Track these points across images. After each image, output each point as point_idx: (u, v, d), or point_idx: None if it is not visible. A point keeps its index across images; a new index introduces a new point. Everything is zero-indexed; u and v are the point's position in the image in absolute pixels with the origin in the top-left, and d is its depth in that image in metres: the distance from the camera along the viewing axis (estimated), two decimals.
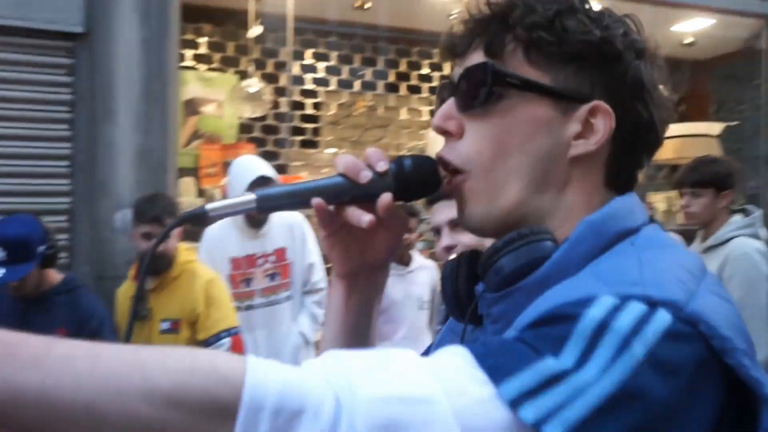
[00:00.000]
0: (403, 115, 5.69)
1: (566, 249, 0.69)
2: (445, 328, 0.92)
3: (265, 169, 3.20)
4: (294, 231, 3.37)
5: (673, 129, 5.59)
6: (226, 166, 4.91)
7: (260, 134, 5.14)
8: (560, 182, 0.73)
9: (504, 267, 0.70)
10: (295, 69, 5.21)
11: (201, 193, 4.56)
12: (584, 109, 0.72)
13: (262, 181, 3.07)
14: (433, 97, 5.67)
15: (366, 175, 0.74)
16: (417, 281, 3.66)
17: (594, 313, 0.55)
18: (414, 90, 5.69)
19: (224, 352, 0.60)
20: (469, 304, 0.78)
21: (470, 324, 0.79)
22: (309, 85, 5.24)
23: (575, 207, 0.73)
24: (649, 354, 0.54)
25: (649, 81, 0.74)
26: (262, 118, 4.98)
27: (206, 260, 3.22)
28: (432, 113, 4.70)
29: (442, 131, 0.76)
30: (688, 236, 3.14)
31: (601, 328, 0.55)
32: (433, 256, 3.77)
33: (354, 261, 0.81)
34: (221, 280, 3.02)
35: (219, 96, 4.90)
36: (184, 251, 2.97)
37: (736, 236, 2.73)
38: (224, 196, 4.01)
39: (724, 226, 2.76)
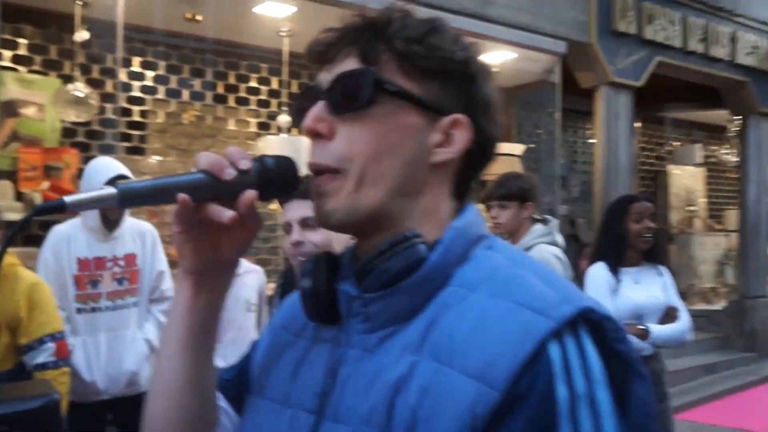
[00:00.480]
0: (231, 125, 5.93)
1: (442, 253, 0.77)
2: (270, 329, 0.96)
3: (123, 168, 3.23)
4: (145, 238, 3.44)
5: None
6: (47, 169, 4.91)
7: (84, 139, 5.17)
8: (418, 187, 0.80)
9: (390, 268, 0.76)
10: (123, 76, 5.31)
11: (19, 196, 4.54)
12: (446, 120, 0.80)
13: (120, 180, 3.16)
14: (261, 110, 6.02)
15: (230, 173, 0.76)
16: (245, 284, 3.84)
17: (560, 394, 0.67)
18: (242, 102, 5.97)
19: None
20: (327, 303, 0.82)
21: (320, 321, 0.83)
22: (136, 93, 5.34)
23: (427, 211, 0.80)
24: (606, 392, 0.68)
25: (494, 102, 0.84)
26: (87, 123, 5.02)
27: (51, 259, 3.25)
28: (260, 125, 5.10)
29: (314, 133, 0.79)
30: None
31: (574, 403, 0.67)
32: (260, 262, 4.10)
33: (206, 258, 0.81)
34: (45, 284, 2.96)
35: (40, 99, 4.89)
36: (7, 255, 2.88)
37: (537, 243, 3.16)
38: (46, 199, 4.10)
39: (527, 235, 3.18)
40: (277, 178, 0.80)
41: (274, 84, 6.12)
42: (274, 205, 4.96)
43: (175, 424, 0.85)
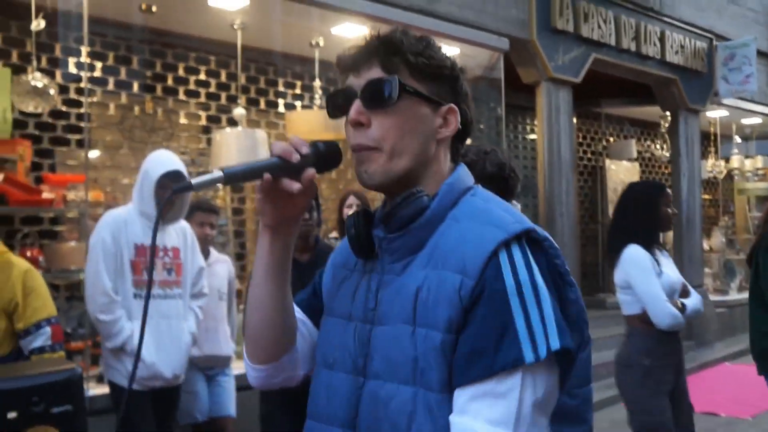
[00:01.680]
0: (182, 118, 6.37)
1: (438, 201, 1.22)
2: (329, 268, 1.40)
3: (179, 164, 3.67)
4: (186, 235, 3.81)
5: None
6: (0, 161, 5.23)
7: (36, 131, 5.49)
8: (429, 156, 1.25)
9: (403, 215, 1.20)
10: (72, 67, 5.67)
11: None
12: (444, 109, 1.25)
13: (174, 175, 3.55)
14: (211, 102, 6.49)
15: (296, 157, 1.19)
16: (216, 274, 4.30)
17: (509, 280, 1.09)
18: (192, 94, 6.43)
19: None
20: (367, 244, 1.27)
21: (364, 258, 1.29)
22: (86, 84, 5.68)
23: (436, 172, 1.26)
24: (541, 279, 1.11)
25: (469, 92, 1.30)
26: (38, 114, 5.35)
27: (109, 241, 3.52)
28: (209, 118, 5.64)
29: (356, 122, 1.22)
30: None
31: (519, 286, 1.10)
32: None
33: (279, 214, 1.24)
34: (37, 271, 3.22)
35: None
36: None
37: None
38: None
39: None
40: (329, 157, 1.24)
41: (224, 77, 6.60)
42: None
43: (268, 332, 1.33)
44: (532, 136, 9.67)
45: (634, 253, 3.46)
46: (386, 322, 1.20)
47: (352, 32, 6.25)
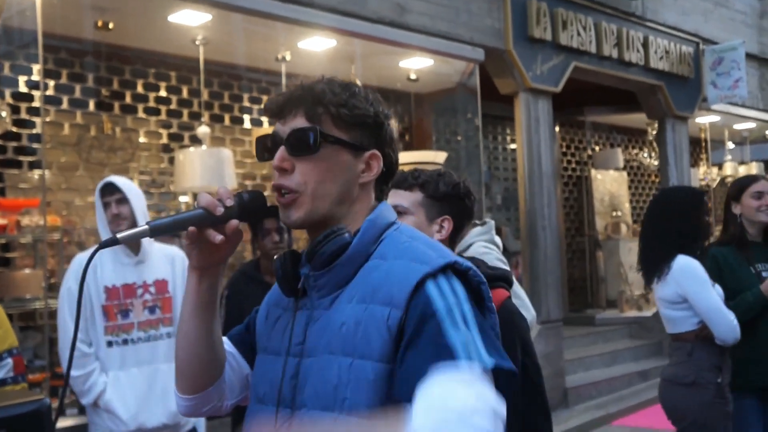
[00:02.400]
0: (142, 137, 6.46)
1: (359, 238, 1.37)
2: (264, 306, 1.56)
3: (113, 178, 3.56)
4: (175, 262, 3.64)
5: (405, 157, 7.20)
6: None
7: None
8: (352, 199, 1.42)
9: (325, 252, 1.35)
10: (23, 86, 5.75)
11: None
12: (366, 155, 1.41)
13: (110, 188, 3.48)
14: (172, 119, 6.59)
15: (219, 210, 1.35)
16: None
17: (438, 305, 1.24)
18: (152, 112, 6.52)
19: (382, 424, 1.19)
20: (295, 283, 1.42)
21: (295, 295, 1.43)
22: (41, 104, 5.72)
23: (359, 212, 1.42)
24: (468, 303, 1.27)
25: (395, 136, 1.47)
26: None
27: (75, 288, 3.41)
28: (170, 136, 5.74)
29: (280, 168, 1.38)
30: None
31: (448, 307, 1.24)
32: None
33: (206, 259, 1.40)
34: None
35: None
36: None
37: (474, 242, 3.62)
38: None
39: (467, 236, 3.60)
40: (252, 207, 1.40)
41: (185, 93, 6.71)
42: None
43: (194, 365, 1.48)
44: (513, 146, 9.84)
45: (688, 265, 3.37)
46: (314, 355, 1.35)
47: (320, 46, 6.39)
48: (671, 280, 3.40)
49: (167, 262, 3.63)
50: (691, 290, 3.36)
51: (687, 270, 3.37)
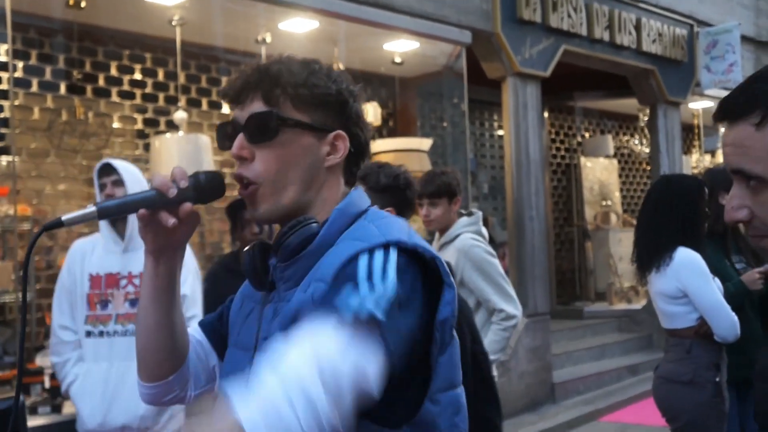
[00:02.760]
0: (116, 122, 6.40)
1: (327, 227, 1.33)
2: (238, 297, 1.54)
3: (113, 160, 3.57)
4: None
5: (390, 144, 7.20)
6: None
7: None
8: (319, 184, 1.39)
9: (290, 243, 1.32)
10: None
11: None
12: (331, 136, 1.38)
13: (107, 169, 3.49)
14: (147, 104, 6.54)
15: (173, 191, 1.31)
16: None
17: (361, 273, 1.19)
18: (127, 96, 6.47)
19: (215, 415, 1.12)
20: (264, 276, 1.40)
21: (264, 289, 1.41)
22: (10, 86, 5.61)
23: (328, 198, 1.40)
24: (395, 273, 1.19)
25: (362, 113, 1.43)
26: None
27: (65, 275, 3.48)
28: (145, 121, 5.70)
29: (239, 157, 1.36)
30: None
31: (370, 272, 1.19)
32: None
33: (161, 242, 1.37)
34: None
35: None
36: None
37: (462, 233, 3.83)
38: None
39: (454, 226, 3.84)
40: (209, 189, 1.37)
41: (161, 76, 6.66)
42: None
43: (153, 353, 1.47)
44: (500, 133, 9.85)
45: (690, 257, 3.34)
46: (262, 349, 1.33)
47: (301, 27, 6.36)
48: (671, 274, 3.36)
49: None
50: (693, 285, 3.34)
51: (689, 263, 3.34)
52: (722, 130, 1.20)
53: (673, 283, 3.37)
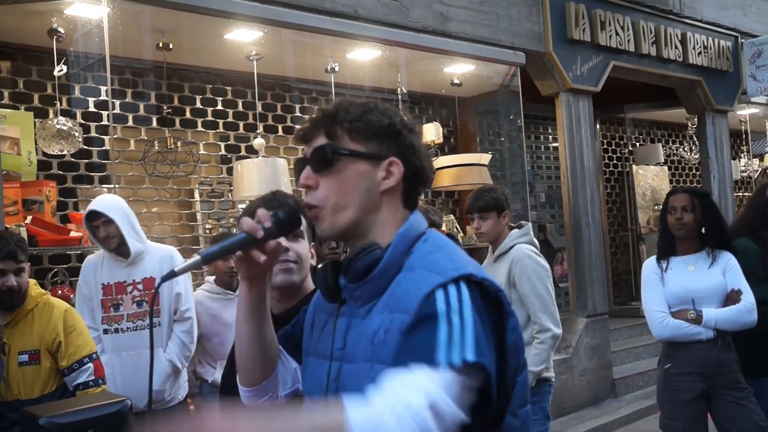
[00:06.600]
0: (202, 149, 6.59)
1: (390, 252, 1.41)
2: (311, 309, 1.64)
3: (97, 204, 4.01)
4: (164, 262, 4.08)
5: (452, 159, 7.22)
6: (26, 203, 5.49)
7: (59, 171, 5.76)
8: (376, 207, 1.46)
9: (358, 267, 1.41)
10: (92, 106, 5.92)
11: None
12: (385, 162, 1.45)
13: (93, 215, 3.97)
14: (230, 132, 6.71)
15: (260, 233, 1.44)
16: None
17: (440, 308, 1.27)
18: (210, 125, 6.67)
19: (324, 409, 1.20)
20: (336, 291, 1.49)
21: (337, 302, 1.50)
22: (111, 123, 5.86)
23: (387, 220, 1.47)
24: (471, 310, 1.27)
25: (418, 144, 1.50)
26: (61, 155, 5.60)
27: (83, 285, 4.06)
28: (228, 147, 5.84)
29: (306, 186, 1.48)
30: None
31: (448, 309, 1.27)
32: None
33: (253, 270, 1.50)
34: (75, 310, 3.61)
35: (13, 133, 5.46)
36: (33, 285, 3.48)
37: (516, 244, 3.89)
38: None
39: (506, 239, 3.92)
40: (288, 223, 1.49)
41: (240, 106, 6.83)
42: None
43: (249, 363, 1.61)
44: (555, 145, 9.76)
45: (644, 266, 3.86)
46: (352, 361, 1.41)
47: (366, 56, 6.46)
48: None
49: (157, 261, 4.08)
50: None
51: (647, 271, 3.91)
52: None
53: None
